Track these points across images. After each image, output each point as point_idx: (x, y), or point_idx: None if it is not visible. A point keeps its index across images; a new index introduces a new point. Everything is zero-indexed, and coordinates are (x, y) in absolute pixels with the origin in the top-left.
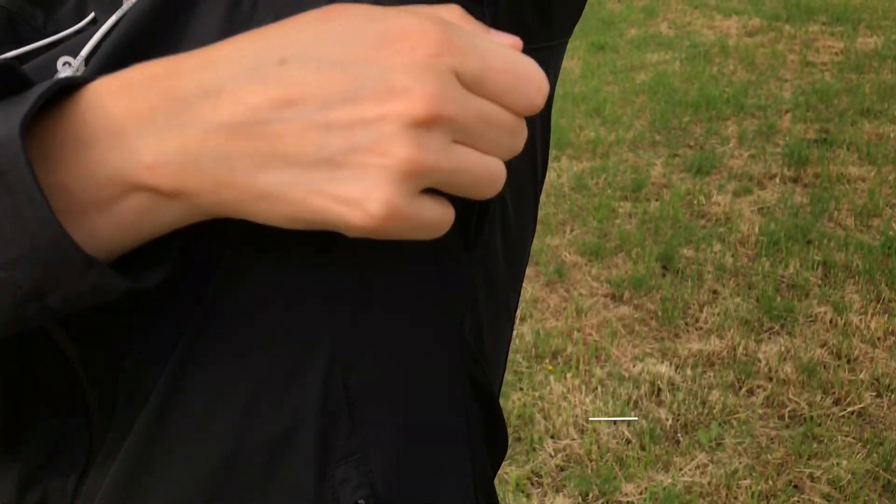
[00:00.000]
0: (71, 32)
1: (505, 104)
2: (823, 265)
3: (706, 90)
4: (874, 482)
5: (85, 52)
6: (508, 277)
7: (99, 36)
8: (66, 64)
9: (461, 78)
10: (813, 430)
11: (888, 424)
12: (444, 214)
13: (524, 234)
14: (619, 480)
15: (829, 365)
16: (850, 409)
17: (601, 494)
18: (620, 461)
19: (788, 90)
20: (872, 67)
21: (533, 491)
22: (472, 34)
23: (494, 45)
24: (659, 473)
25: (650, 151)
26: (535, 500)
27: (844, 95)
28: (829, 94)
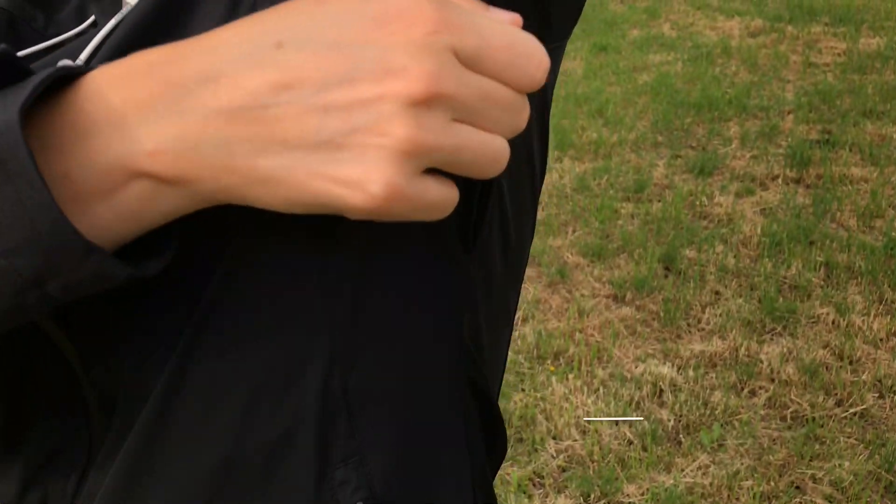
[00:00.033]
0: (71, 35)
1: (505, 81)
2: (826, 266)
3: (708, 91)
4: (876, 483)
5: (85, 54)
6: (507, 279)
7: (99, 38)
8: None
9: (460, 56)
10: (815, 431)
11: (890, 426)
12: (447, 195)
13: (523, 235)
14: (620, 481)
15: (831, 366)
16: (852, 410)
17: (603, 495)
18: (622, 462)
19: (791, 91)
20: (875, 68)
21: (535, 492)
22: (469, 11)
23: (493, 21)
24: (661, 474)
25: (652, 152)
26: (536, 500)
27: (847, 96)
28: (831, 94)
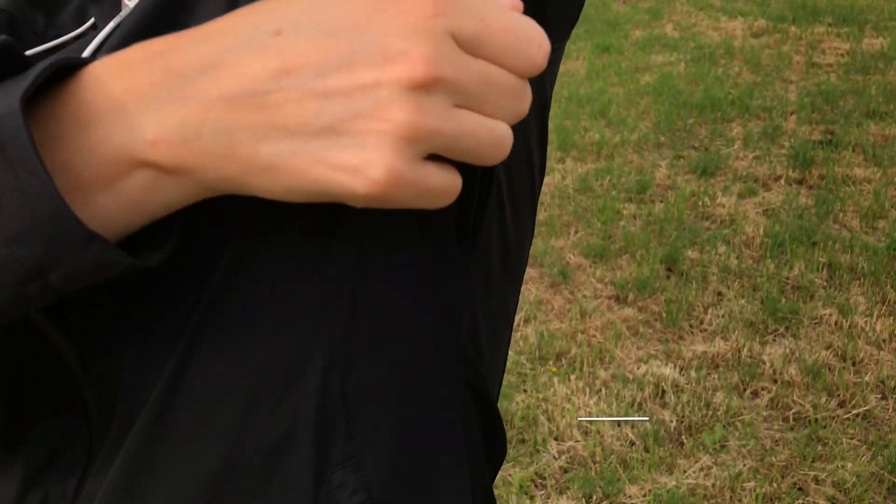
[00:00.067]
0: (71, 37)
1: (506, 65)
2: (828, 267)
3: (711, 92)
4: (879, 485)
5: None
6: (506, 280)
7: (98, 40)
8: None
9: (458, 39)
10: (817, 432)
11: (893, 427)
12: (450, 181)
13: (522, 237)
14: (622, 482)
15: (833, 367)
16: (854, 411)
17: (605, 496)
18: (624, 463)
19: (794, 91)
20: (878, 69)
21: (536, 493)
22: None
23: (492, 5)
24: (663, 475)
25: (655, 153)
26: (538, 501)
27: (850, 97)
28: (834, 95)
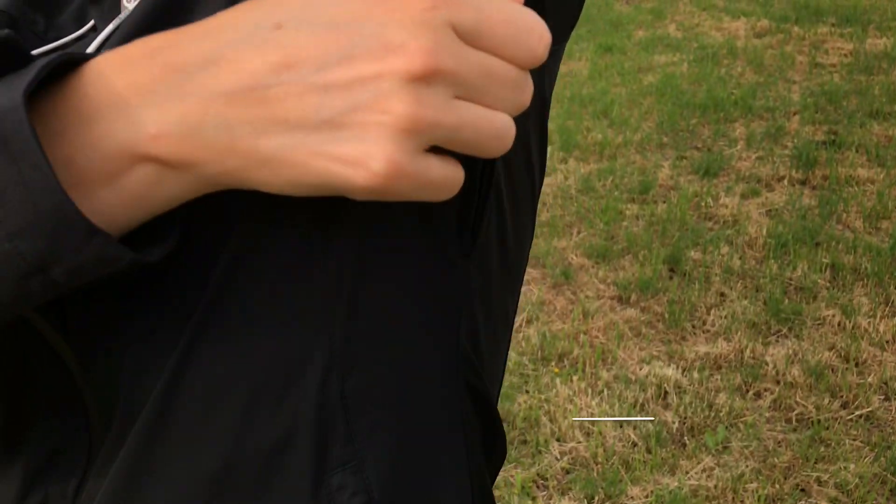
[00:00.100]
0: (71, 39)
1: (506, 57)
2: (832, 268)
3: (714, 92)
4: (882, 486)
5: None
6: (506, 282)
7: (98, 42)
8: None
9: (458, 31)
10: (820, 433)
11: None
12: (451, 173)
13: (522, 238)
14: (624, 483)
15: (836, 368)
16: (857, 412)
17: (607, 497)
18: (626, 464)
19: (797, 92)
20: (882, 69)
21: (538, 494)
22: None
23: None
24: (665, 476)
25: (657, 153)
26: (540, 502)
27: (853, 97)
28: (837, 95)
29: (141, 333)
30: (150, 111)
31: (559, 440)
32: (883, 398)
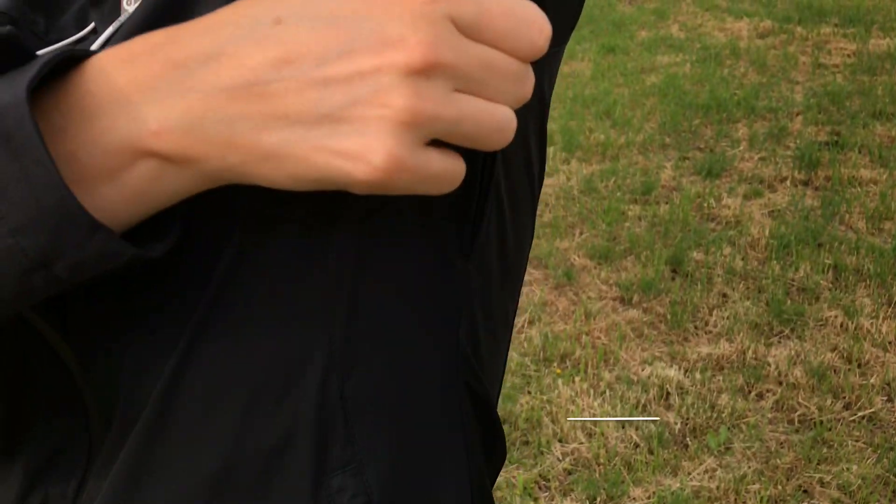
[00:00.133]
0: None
1: (507, 49)
2: (834, 268)
3: (717, 92)
4: (884, 487)
5: None
6: (506, 283)
7: (98, 44)
8: None
9: (458, 24)
10: (823, 434)
11: None
12: (452, 166)
13: (522, 239)
14: (626, 484)
15: (839, 369)
16: (860, 413)
17: (609, 498)
18: (628, 465)
19: (800, 92)
20: (885, 69)
21: (540, 495)
22: None
23: None
24: (667, 477)
25: (660, 154)
26: (542, 503)
27: (856, 97)
28: (840, 96)
29: (141, 333)
30: (151, 107)
31: (561, 441)
32: (885, 399)
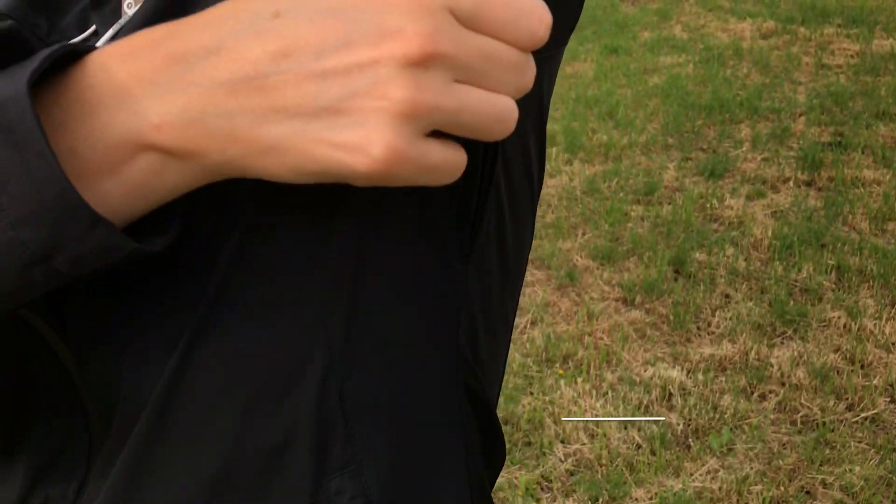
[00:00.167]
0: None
1: (506, 39)
2: (837, 269)
3: (720, 93)
4: (887, 488)
5: None
6: (505, 284)
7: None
8: None
9: (457, 15)
10: (825, 435)
11: None
12: (453, 157)
13: (522, 239)
14: (629, 485)
15: (842, 370)
16: (863, 414)
17: (611, 499)
18: (630, 466)
19: (803, 93)
20: (888, 70)
21: (542, 495)
22: None
23: None
24: (669, 478)
25: (663, 155)
26: None
27: (859, 98)
28: (843, 96)
29: (140, 334)
30: (152, 101)
31: (563, 442)
32: (888, 400)
